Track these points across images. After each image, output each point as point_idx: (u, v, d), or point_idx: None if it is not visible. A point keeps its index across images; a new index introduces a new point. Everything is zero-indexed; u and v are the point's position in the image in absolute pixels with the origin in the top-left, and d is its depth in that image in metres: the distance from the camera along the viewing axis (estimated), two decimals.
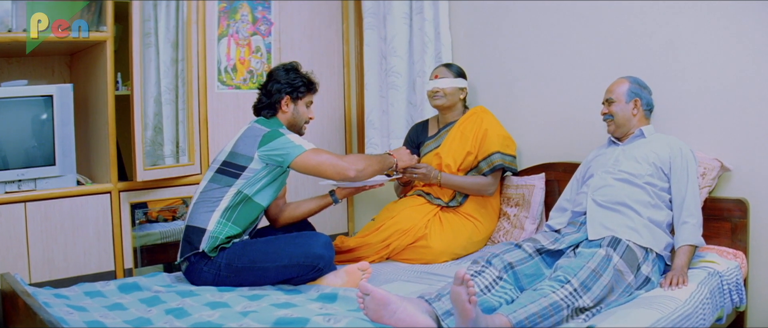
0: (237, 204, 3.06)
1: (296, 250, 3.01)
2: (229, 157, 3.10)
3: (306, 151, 3.06)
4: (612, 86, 3.29)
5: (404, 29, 4.27)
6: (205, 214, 3.05)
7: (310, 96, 3.34)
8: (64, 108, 3.58)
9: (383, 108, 4.44)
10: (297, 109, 3.28)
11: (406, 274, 3.33)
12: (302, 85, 3.27)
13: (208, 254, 3.01)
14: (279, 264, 2.99)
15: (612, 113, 3.26)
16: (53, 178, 3.57)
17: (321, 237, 3.10)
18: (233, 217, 3.05)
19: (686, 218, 3.03)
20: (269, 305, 2.66)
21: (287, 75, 3.27)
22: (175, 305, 2.70)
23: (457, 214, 3.69)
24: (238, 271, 2.99)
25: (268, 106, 3.25)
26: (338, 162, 3.08)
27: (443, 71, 3.78)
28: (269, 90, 3.25)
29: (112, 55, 3.66)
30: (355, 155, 3.21)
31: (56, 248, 3.56)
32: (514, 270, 2.80)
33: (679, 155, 3.11)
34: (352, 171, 3.09)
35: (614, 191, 3.08)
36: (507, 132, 3.80)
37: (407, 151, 3.49)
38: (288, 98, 3.25)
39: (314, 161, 3.06)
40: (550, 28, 3.79)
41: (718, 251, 3.22)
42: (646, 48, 3.44)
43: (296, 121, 3.30)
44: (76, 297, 2.87)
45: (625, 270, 2.76)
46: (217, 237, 3.01)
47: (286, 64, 3.33)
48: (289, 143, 3.06)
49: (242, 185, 3.07)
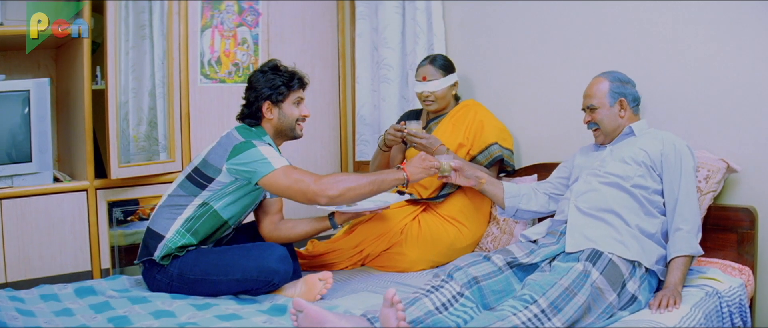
0: (200, 215, 2.80)
1: (250, 264, 2.74)
2: (200, 164, 2.81)
3: (275, 170, 2.69)
4: (590, 89, 2.87)
5: (396, 19, 3.96)
6: (167, 220, 2.83)
7: (296, 93, 2.94)
8: (41, 103, 3.38)
9: (375, 103, 4.15)
10: (282, 112, 2.92)
11: (375, 284, 3.00)
12: (282, 85, 2.90)
13: (160, 262, 2.78)
14: (232, 278, 2.74)
15: (597, 122, 2.84)
16: (30, 175, 3.39)
17: (276, 250, 2.79)
18: (194, 228, 2.79)
19: (680, 224, 2.62)
20: (213, 317, 2.51)
21: (264, 77, 2.91)
22: (122, 313, 2.57)
23: (439, 217, 3.32)
24: (190, 282, 2.76)
25: (251, 115, 2.93)
26: (309, 186, 2.65)
27: (431, 71, 3.39)
28: (248, 99, 2.94)
29: (89, 49, 3.44)
30: (339, 176, 2.73)
31: (32, 246, 3.39)
32: (479, 285, 2.45)
33: (671, 151, 2.69)
34: (323, 198, 2.65)
35: (600, 197, 2.68)
36: (503, 125, 3.44)
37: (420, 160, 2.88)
38: (269, 104, 2.90)
39: (283, 183, 2.68)
40: (547, 21, 3.48)
41: (721, 265, 2.79)
42: (648, 41, 3.11)
43: (284, 125, 2.94)
44: (31, 300, 2.74)
45: (605, 288, 2.37)
46: (170, 247, 2.78)
47: (263, 65, 2.99)
48: (259, 159, 2.71)
49: (208, 197, 2.79)
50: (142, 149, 3.75)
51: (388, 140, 3.39)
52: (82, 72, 3.48)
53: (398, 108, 4.01)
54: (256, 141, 2.78)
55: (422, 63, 3.45)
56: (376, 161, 3.57)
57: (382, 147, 3.46)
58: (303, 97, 2.99)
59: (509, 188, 3.01)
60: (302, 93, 2.99)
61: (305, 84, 3.00)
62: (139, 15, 3.70)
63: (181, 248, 2.79)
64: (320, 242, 3.33)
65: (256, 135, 2.86)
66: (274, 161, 2.71)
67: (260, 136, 2.88)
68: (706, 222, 2.83)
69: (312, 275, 2.84)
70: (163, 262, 2.80)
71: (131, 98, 3.72)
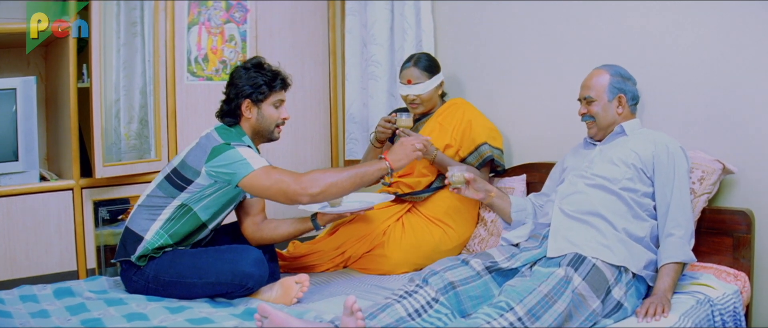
0: (179, 217, 2.72)
1: (224, 267, 2.67)
2: (179, 166, 2.72)
3: (254, 170, 2.60)
4: (589, 81, 2.73)
5: (385, 14, 3.82)
6: (146, 221, 2.76)
7: (278, 94, 2.84)
8: (27, 101, 3.32)
9: (364, 100, 4.01)
10: (261, 112, 2.82)
11: (355, 287, 2.89)
12: (263, 84, 2.80)
13: (136, 263, 2.74)
14: (206, 281, 2.67)
15: (593, 114, 2.70)
16: (16, 174, 3.33)
17: (251, 253, 2.71)
18: (173, 230, 2.72)
19: (672, 230, 2.49)
20: (184, 321, 2.46)
21: (247, 74, 2.82)
22: (97, 315, 2.53)
23: (424, 218, 3.20)
24: (166, 284, 2.70)
25: (229, 113, 2.84)
26: (290, 186, 2.56)
27: (415, 74, 3.26)
28: (228, 95, 2.85)
29: (75, 47, 3.37)
30: (319, 173, 2.63)
31: (18, 246, 3.32)
32: (456, 291, 2.34)
33: (664, 153, 2.55)
34: (304, 197, 2.56)
35: (585, 199, 2.55)
36: (492, 124, 3.30)
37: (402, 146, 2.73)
38: (249, 102, 2.80)
39: (263, 184, 2.60)
40: (539, 18, 3.35)
41: (715, 271, 2.65)
42: (642, 40, 2.99)
43: (262, 126, 2.85)
44: (11, 301, 2.71)
45: (588, 294, 2.24)
46: (148, 248, 2.73)
47: (247, 61, 2.89)
48: (238, 160, 2.63)
49: (187, 199, 2.71)
50: (133, 148, 3.66)
51: (378, 133, 3.29)
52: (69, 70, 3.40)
53: (386, 106, 3.87)
54: (235, 142, 2.69)
55: (405, 65, 3.31)
56: (367, 159, 3.45)
57: (374, 143, 3.35)
58: (284, 99, 2.89)
59: (516, 202, 2.83)
60: (284, 95, 2.89)
61: (288, 85, 2.90)
62: (130, 12, 3.61)
63: (158, 249, 2.71)
64: (302, 244, 3.22)
65: (235, 136, 2.77)
66: (253, 162, 2.62)
67: (240, 137, 2.78)
68: (701, 225, 2.69)
69: (289, 278, 2.74)
70: (139, 263, 2.74)
71: (123, 96, 3.64)
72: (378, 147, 3.38)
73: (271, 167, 2.65)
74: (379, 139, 3.33)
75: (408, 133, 3.12)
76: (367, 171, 2.66)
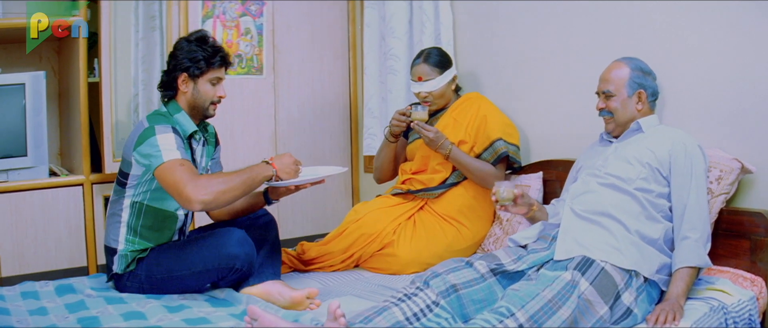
0: (137, 215, 2.70)
1: (208, 252, 2.64)
2: (121, 163, 2.72)
3: (164, 163, 2.56)
4: (608, 74, 2.66)
5: (404, 6, 3.78)
6: (113, 231, 2.76)
7: (216, 71, 2.78)
8: (37, 97, 3.37)
9: (382, 95, 3.99)
10: (197, 88, 2.76)
11: (362, 287, 2.87)
12: (202, 59, 2.74)
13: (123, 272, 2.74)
14: (194, 270, 2.64)
15: (611, 110, 2.63)
16: (25, 169, 3.37)
17: (234, 234, 2.67)
18: (139, 231, 2.70)
19: (687, 233, 2.40)
20: (181, 320, 2.44)
21: (188, 47, 2.76)
22: (95, 313, 2.53)
23: (437, 216, 3.16)
24: (159, 282, 2.69)
25: (166, 85, 2.80)
26: (184, 189, 2.50)
27: (426, 70, 3.22)
28: (168, 67, 2.81)
29: (85, 41, 3.40)
30: (213, 179, 2.57)
31: (26, 241, 3.37)
32: (458, 294, 2.28)
33: (681, 152, 2.47)
34: (197, 204, 2.49)
35: (597, 199, 2.47)
36: (508, 119, 3.25)
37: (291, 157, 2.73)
38: (185, 76, 2.75)
39: (167, 180, 2.56)
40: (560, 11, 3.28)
41: (732, 275, 2.54)
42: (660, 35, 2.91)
43: (197, 102, 2.78)
44: (11, 298, 2.72)
45: (595, 300, 2.18)
46: (126, 256, 2.72)
47: (191, 33, 2.84)
48: (155, 148, 2.59)
49: (133, 195, 2.69)
50: None
51: (392, 127, 3.26)
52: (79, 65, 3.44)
53: (405, 101, 3.83)
54: (160, 126, 2.67)
55: (416, 61, 3.27)
56: (381, 155, 3.44)
57: (388, 137, 3.33)
58: (222, 77, 2.84)
59: (551, 210, 2.76)
60: (222, 73, 2.84)
61: (228, 64, 2.86)
62: (149, 6, 3.65)
63: (141, 251, 2.71)
64: (312, 247, 3.20)
65: (164, 118, 2.75)
66: (165, 153, 2.59)
67: (172, 115, 2.78)
68: (718, 227, 2.61)
69: (300, 292, 2.67)
70: (129, 270, 2.74)
71: (141, 91, 3.68)
72: (392, 141, 3.36)
73: (179, 162, 2.59)
74: (394, 134, 3.31)
75: (423, 126, 3.11)
76: (256, 176, 2.64)
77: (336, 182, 4.28)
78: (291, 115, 4.09)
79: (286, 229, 4.07)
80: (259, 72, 3.94)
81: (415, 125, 3.13)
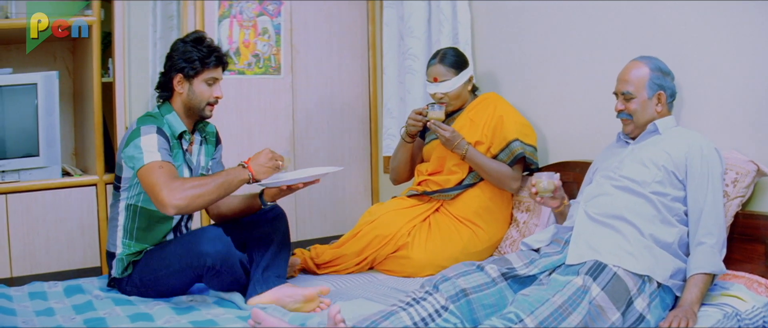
0: (132, 217, 2.71)
1: (182, 250, 2.63)
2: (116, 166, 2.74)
3: (144, 165, 2.56)
4: (627, 74, 2.61)
5: (422, 6, 3.76)
6: (112, 235, 2.78)
7: (211, 72, 2.77)
8: (49, 97, 3.39)
9: (401, 95, 3.96)
10: (192, 89, 2.75)
11: (375, 290, 2.85)
12: (197, 59, 2.73)
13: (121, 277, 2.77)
14: (172, 269, 2.65)
15: (631, 112, 2.58)
16: (37, 169, 3.40)
17: (207, 232, 2.66)
18: (134, 234, 2.71)
19: (703, 238, 2.37)
20: (188, 322, 2.45)
21: (183, 47, 2.76)
22: (102, 314, 2.54)
23: (453, 218, 3.14)
24: (151, 284, 2.71)
25: (163, 86, 2.80)
26: (160, 193, 2.50)
27: (442, 71, 3.20)
28: (164, 68, 2.81)
29: (99, 41, 3.43)
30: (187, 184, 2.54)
31: (38, 241, 3.39)
32: (468, 299, 2.25)
33: (698, 156, 2.43)
34: (170, 208, 2.49)
35: (611, 202, 2.44)
36: (525, 119, 3.23)
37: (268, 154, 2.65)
38: (181, 77, 2.74)
39: (145, 181, 2.56)
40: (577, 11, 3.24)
41: (747, 280, 2.49)
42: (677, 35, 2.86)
43: (192, 103, 2.77)
44: (19, 298, 2.75)
45: (607, 306, 2.15)
46: (122, 260, 2.74)
47: (188, 34, 2.85)
48: (138, 150, 2.60)
49: (127, 198, 2.70)
50: None
51: (409, 127, 3.25)
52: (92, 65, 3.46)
53: (424, 101, 3.78)
54: (145, 127, 2.68)
55: (431, 62, 3.26)
56: (398, 155, 3.43)
57: (405, 138, 3.32)
58: (218, 77, 2.83)
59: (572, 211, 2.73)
60: (218, 73, 2.82)
61: (224, 64, 2.84)
62: (167, 6, 3.67)
63: (136, 254, 2.72)
64: (325, 249, 3.18)
65: (152, 119, 2.75)
66: (146, 155, 2.59)
67: (161, 117, 2.78)
68: (733, 231, 2.56)
69: (312, 289, 2.67)
70: (124, 275, 2.76)
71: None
72: (409, 142, 3.35)
73: (157, 164, 2.58)
74: (410, 133, 3.30)
75: (439, 126, 3.10)
76: (232, 180, 2.61)
77: (355, 182, 4.27)
78: (309, 116, 4.08)
79: (304, 230, 4.08)
80: (277, 72, 3.94)
81: (431, 124, 3.12)
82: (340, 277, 3.07)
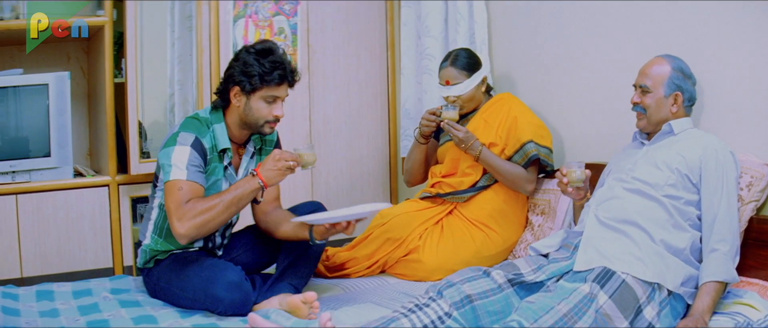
0: (164, 218, 2.65)
1: (199, 285, 2.54)
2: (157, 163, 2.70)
3: (169, 180, 2.50)
4: (648, 68, 2.58)
5: (439, 5, 3.73)
6: (144, 226, 2.76)
7: (272, 90, 2.59)
8: (61, 97, 3.41)
9: (418, 95, 3.93)
10: (250, 104, 2.60)
11: (383, 294, 2.82)
12: (257, 75, 2.55)
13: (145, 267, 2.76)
14: (186, 295, 2.59)
15: (645, 106, 2.55)
16: (49, 169, 3.42)
17: (229, 274, 2.53)
18: (164, 233, 2.68)
19: (716, 245, 2.32)
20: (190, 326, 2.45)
21: (245, 58, 2.59)
22: (106, 316, 2.55)
23: (466, 221, 3.11)
24: (164, 289, 2.67)
25: (221, 93, 2.67)
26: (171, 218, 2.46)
27: (454, 74, 3.17)
28: (225, 74, 2.66)
29: (111, 41, 3.45)
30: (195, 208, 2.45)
31: (49, 242, 3.42)
32: (473, 305, 2.22)
33: (712, 160, 2.39)
34: (181, 239, 2.46)
35: (622, 205, 2.41)
36: (540, 120, 3.19)
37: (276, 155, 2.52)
38: (238, 90, 2.59)
39: (166, 201, 2.51)
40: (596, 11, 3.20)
41: (761, 288, 2.43)
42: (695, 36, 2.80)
43: (249, 120, 2.63)
44: (25, 297, 2.76)
45: (614, 314, 2.11)
46: (146, 251, 2.73)
47: (257, 43, 2.66)
48: (168, 161, 2.53)
49: (160, 196, 2.66)
50: None
51: (422, 128, 3.24)
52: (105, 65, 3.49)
53: (441, 102, 3.74)
54: (183, 135, 2.59)
55: (443, 64, 3.23)
56: (411, 157, 3.41)
57: (418, 139, 3.31)
58: (280, 96, 2.64)
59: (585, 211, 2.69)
60: (280, 91, 2.64)
61: (289, 82, 2.65)
62: (185, 6, 3.69)
63: (162, 252, 2.71)
64: (337, 252, 3.17)
65: (197, 125, 2.64)
66: (173, 171, 2.52)
67: (208, 125, 2.66)
68: (747, 236, 2.51)
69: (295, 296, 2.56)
70: (147, 267, 2.76)
71: (177, 90, 3.72)
72: (423, 143, 3.34)
73: (178, 185, 2.50)
74: (423, 134, 3.29)
75: (453, 126, 3.09)
76: (242, 194, 2.53)
77: (373, 184, 4.25)
78: (326, 116, 4.07)
79: None
80: None
81: (444, 125, 3.10)
82: (351, 280, 3.05)
